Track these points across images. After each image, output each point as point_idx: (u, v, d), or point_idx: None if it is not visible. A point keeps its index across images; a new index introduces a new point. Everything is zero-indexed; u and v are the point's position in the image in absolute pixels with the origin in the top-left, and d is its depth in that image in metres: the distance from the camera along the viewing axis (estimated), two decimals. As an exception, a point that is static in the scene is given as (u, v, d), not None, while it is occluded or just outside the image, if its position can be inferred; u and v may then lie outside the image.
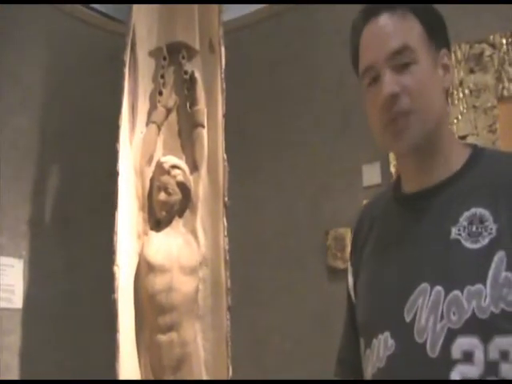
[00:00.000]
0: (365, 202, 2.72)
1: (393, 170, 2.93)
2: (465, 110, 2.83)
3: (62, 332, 3.19)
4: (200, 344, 2.81)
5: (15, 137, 3.17)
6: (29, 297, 3.09)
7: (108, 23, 3.59)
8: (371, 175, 3.06)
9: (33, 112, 3.26)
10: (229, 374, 2.71)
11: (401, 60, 1.24)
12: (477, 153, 1.30)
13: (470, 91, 2.83)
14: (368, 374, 1.31)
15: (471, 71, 2.84)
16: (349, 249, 1.51)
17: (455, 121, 2.82)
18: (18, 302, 3.04)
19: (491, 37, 2.81)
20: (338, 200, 3.17)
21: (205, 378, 2.78)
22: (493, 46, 2.81)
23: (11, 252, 3.07)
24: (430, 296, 1.19)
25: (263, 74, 3.55)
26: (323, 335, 3.05)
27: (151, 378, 2.73)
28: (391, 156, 2.92)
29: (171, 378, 2.74)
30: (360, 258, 1.40)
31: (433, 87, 1.27)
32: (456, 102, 2.84)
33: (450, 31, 1.35)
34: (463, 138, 2.77)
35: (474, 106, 2.82)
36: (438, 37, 1.31)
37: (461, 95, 2.84)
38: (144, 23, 3.02)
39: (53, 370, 3.10)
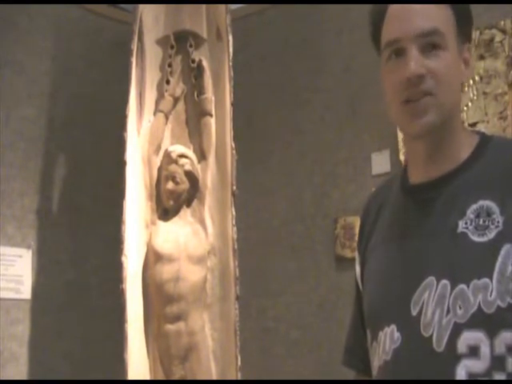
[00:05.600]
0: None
1: (402, 158, 2.91)
2: (475, 97, 2.80)
3: (71, 322, 3.20)
4: (208, 334, 2.81)
5: (22, 126, 3.17)
6: (37, 287, 3.10)
7: (114, 12, 3.57)
8: (380, 163, 3.04)
9: (40, 101, 3.26)
10: (237, 364, 2.71)
11: (429, 42, 1.23)
12: (484, 142, 1.29)
13: (481, 77, 2.80)
14: (374, 367, 1.31)
15: (481, 57, 2.81)
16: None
17: (465, 108, 2.78)
18: (26, 292, 3.06)
19: (502, 22, 2.77)
20: (347, 188, 3.15)
21: (213, 367, 2.78)
22: (503, 31, 2.77)
23: (19, 242, 3.07)
24: (436, 290, 1.18)
25: (270, 61, 3.53)
26: (331, 324, 3.05)
27: (159, 368, 2.74)
28: (400, 144, 2.90)
29: (179, 367, 2.74)
30: (366, 247, 1.40)
31: (455, 76, 1.26)
32: (466, 88, 2.80)
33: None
34: (473, 124, 2.74)
35: (485, 93, 2.78)
36: (466, 30, 1.30)
37: (471, 82, 2.81)
38: (151, 11, 3.01)
39: (61, 361, 3.12)
